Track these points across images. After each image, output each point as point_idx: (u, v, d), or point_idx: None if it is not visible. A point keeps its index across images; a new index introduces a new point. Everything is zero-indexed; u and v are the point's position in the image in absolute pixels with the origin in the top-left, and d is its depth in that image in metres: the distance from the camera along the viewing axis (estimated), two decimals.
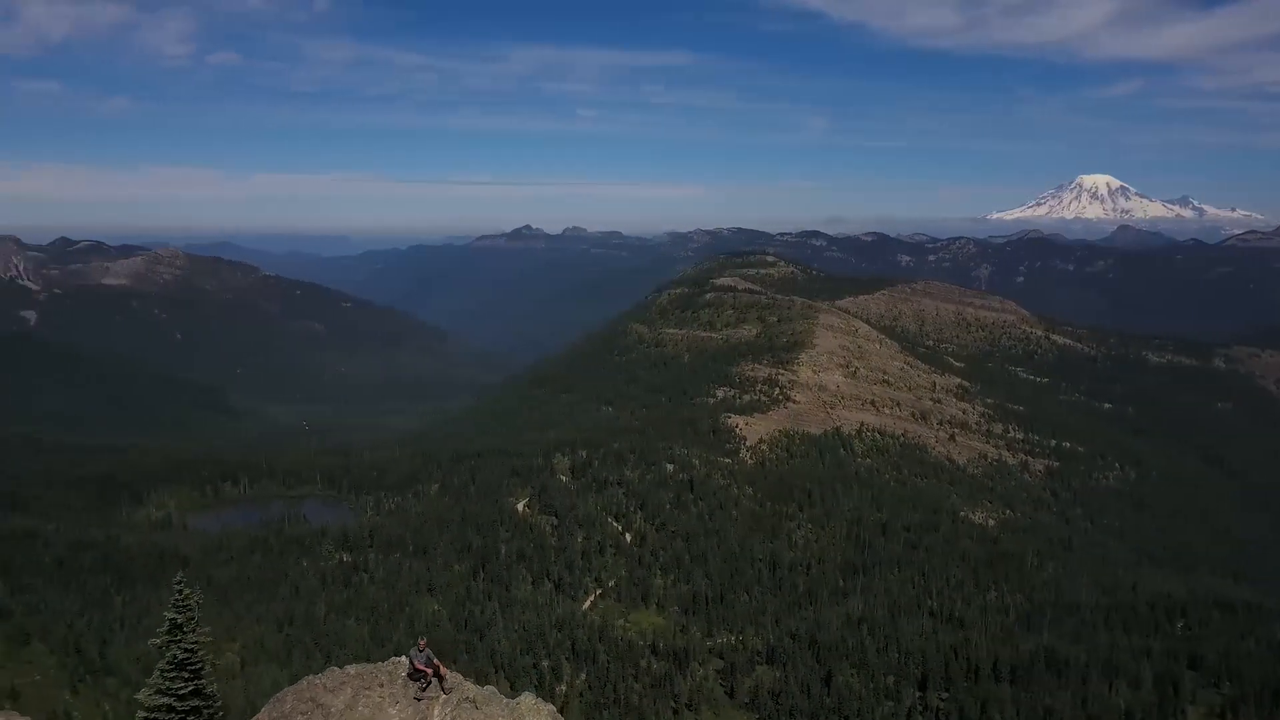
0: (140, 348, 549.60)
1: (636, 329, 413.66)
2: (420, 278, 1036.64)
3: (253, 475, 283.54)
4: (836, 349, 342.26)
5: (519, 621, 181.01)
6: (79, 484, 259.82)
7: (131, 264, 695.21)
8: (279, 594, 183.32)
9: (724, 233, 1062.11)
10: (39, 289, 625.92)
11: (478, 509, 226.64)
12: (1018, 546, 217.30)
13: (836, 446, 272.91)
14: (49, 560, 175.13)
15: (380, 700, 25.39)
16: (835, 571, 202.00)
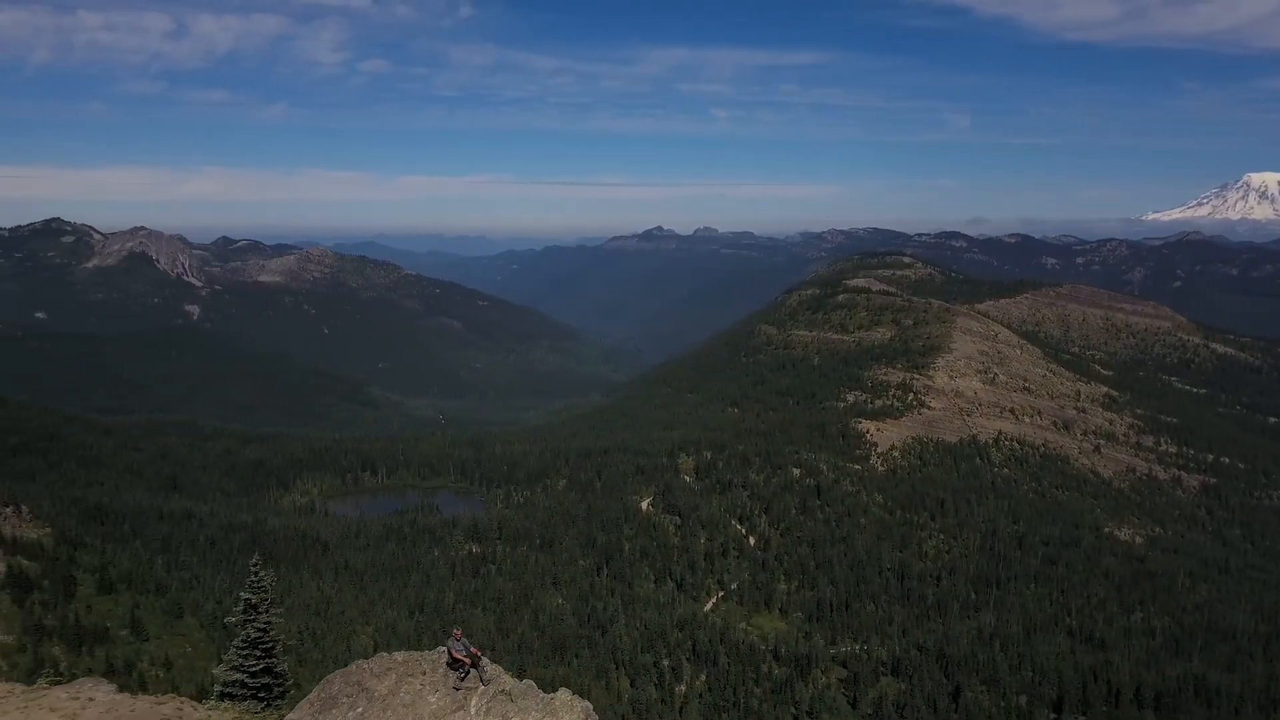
0: (291, 341, 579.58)
1: (765, 330, 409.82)
2: (554, 277, 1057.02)
3: (390, 466, 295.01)
4: (975, 354, 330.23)
5: (641, 619, 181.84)
6: (232, 470, 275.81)
7: (285, 262, 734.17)
8: (411, 581, 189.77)
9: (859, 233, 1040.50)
10: (202, 285, 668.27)
11: (603, 505, 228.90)
12: (1167, 566, 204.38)
13: (972, 455, 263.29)
14: (203, 540, 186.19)
15: (420, 688, 25.75)
16: (967, 584, 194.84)
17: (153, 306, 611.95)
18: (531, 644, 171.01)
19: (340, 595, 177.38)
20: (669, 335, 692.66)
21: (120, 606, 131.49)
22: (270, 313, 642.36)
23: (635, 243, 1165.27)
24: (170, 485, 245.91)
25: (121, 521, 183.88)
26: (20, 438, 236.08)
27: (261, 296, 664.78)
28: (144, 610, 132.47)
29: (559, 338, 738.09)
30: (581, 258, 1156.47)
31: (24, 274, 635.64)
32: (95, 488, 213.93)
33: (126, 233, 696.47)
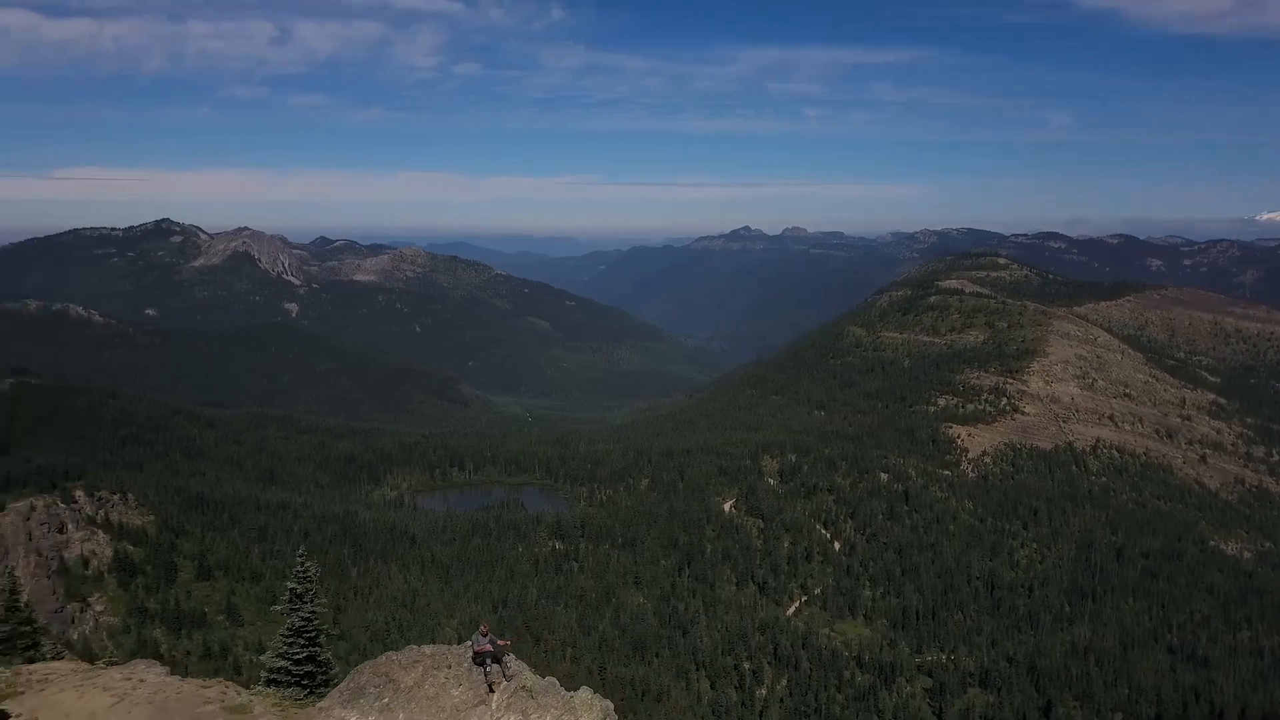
0: (384, 339, 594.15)
1: (854, 331, 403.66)
2: (640, 278, 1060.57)
3: (478, 462, 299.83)
4: (1072, 358, 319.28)
5: (722, 621, 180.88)
6: (326, 463, 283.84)
7: (379, 261, 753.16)
8: (495, 576, 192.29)
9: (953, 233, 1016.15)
10: (300, 284, 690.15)
11: (685, 506, 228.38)
12: (1277, 583, 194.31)
13: (1068, 463, 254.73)
14: (297, 530, 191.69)
15: (445, 681, 26.13)
16: (1060, 595, 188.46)
17: (254, 304, 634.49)
18: (612, 642, 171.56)
19: (426, 588, 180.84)
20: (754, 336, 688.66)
21: (217, 592, 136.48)
22: (365, 311, 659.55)
23: (722, 243, 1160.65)
24: (267, 477, 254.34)
25: (221, 511, 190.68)
26: (130, 429, 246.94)
27: (357, 295, 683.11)
28: (239, 597, 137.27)
29: (644, 338, 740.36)
30: (668, 258, 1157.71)
31: (136, 272, 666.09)
32: (198, 478, 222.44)
33: (230, 233, 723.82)
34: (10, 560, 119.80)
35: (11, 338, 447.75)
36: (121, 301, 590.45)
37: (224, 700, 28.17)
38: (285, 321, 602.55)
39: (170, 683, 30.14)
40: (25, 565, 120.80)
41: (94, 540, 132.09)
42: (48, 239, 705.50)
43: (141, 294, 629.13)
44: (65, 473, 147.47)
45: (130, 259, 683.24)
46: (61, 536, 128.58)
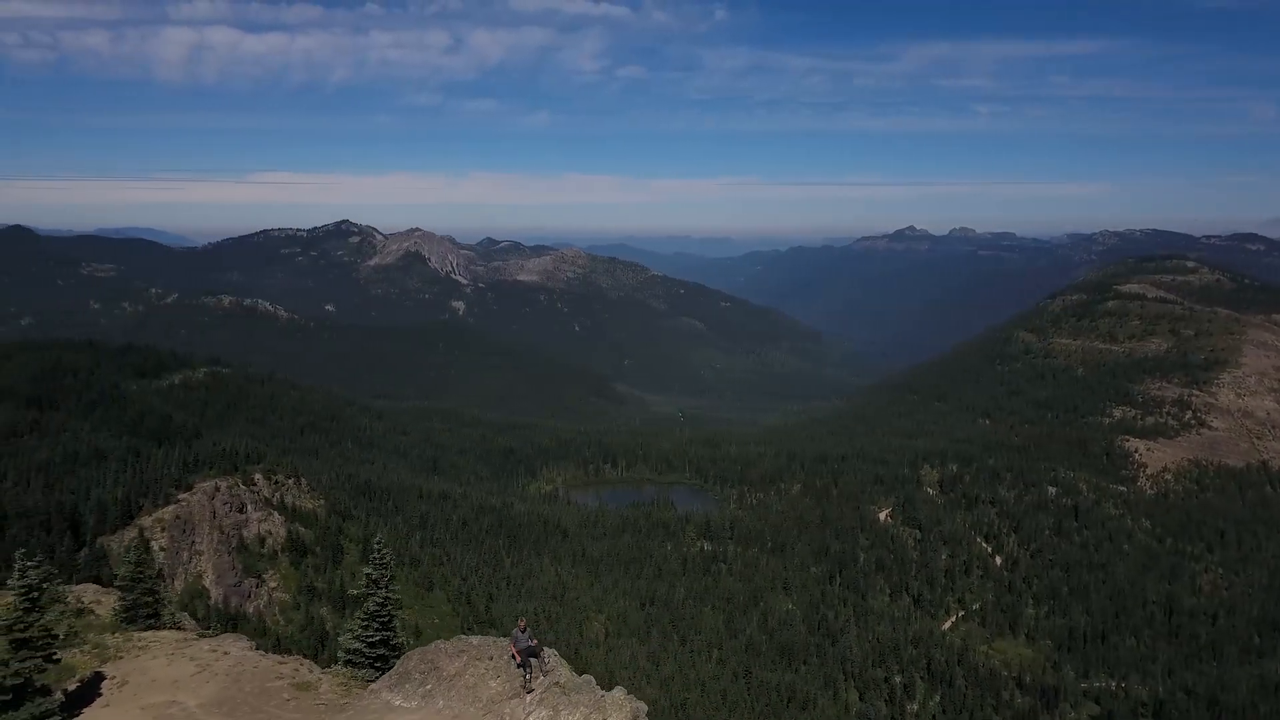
0: (545, 337, 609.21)
1: (1024, 337, 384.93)
2: (798, 279, 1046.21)
3: (630, 459, 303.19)
4: (1269, 369, 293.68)
5: (873, 632, 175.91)
6: (486, 456, 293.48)
7: (542, 262, 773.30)
8: (643, 573, 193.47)
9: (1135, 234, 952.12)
10: (467, 283, 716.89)
11: (838, 513, 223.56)
12: None
13: (1261, 483, 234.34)
14: (456, 519, 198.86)
15: (484, 673, 26.78)
16: (1249, 625, 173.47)
17: (424, 302, 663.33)
18: (759, 646, 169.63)
19: (576, 582, 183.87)
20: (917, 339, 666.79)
21: None
22: (527, 309, 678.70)
23: (885, 243, 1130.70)
24: (431, 467, 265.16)
25: (386, 498, 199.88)
26: (308, 418, 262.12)
27: (520, 294, 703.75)
28: (398, 581, 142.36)
29: (800, 339, 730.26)
30: (827, 258, 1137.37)
31: (318, 271, 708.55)
32: (366, 465, 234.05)
33: (404, 234, 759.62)
34: (195, 535, 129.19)
35: (209, 330, 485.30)
36: (304, 298, 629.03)
37: (294, 677, 29.33)
38: (452, 319, 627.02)
39: (250, 657, 31.51)
40: (209, 541, 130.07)
41: (270, 521, 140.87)
42: (242, 239, 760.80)
43: (322, 291, 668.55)
44: (246, 456, 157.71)
45: (313, 258, 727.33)
46: (241, 516, 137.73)
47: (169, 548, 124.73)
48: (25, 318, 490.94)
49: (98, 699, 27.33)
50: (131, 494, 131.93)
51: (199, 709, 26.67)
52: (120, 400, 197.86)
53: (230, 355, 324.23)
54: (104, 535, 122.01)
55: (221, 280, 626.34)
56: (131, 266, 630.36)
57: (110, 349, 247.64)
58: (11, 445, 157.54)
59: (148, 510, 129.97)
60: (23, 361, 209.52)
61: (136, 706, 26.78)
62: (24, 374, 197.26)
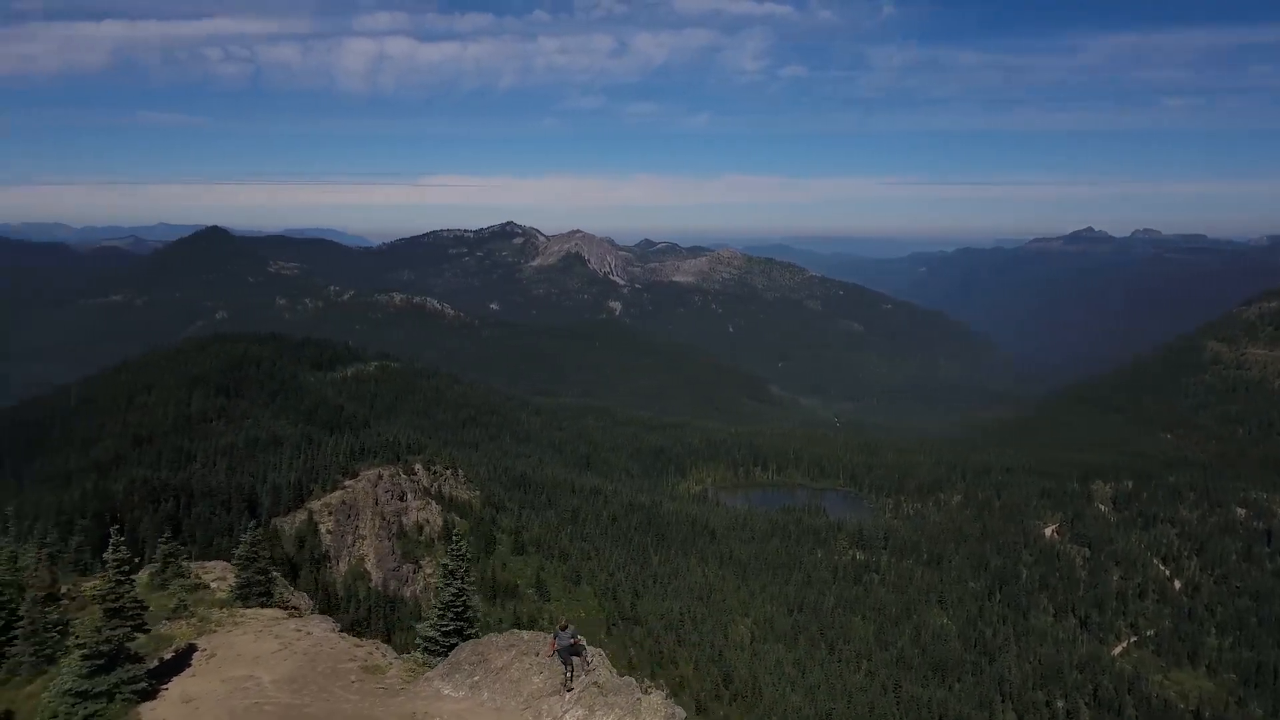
0: (699, 338, 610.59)
1: (1213, 347, 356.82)
2: (965, 282, 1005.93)
3: (781, 463, 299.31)
4: None
5: (1035, 653, 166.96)
6: (638, 454, 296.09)
7: (698, 263, 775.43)
8: (792, 579, 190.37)
9: None
10: (624, 283, 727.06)
11: (1000, 527, 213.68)
12: None
13: None
14: (606, 515, 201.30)
15: (529, 667, 27.01)
16: None
17: (582, 302, 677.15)
18: (910, 660, 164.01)
19: (723, 584, 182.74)
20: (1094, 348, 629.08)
21: (529, 567, 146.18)
22: (682, 310, 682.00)
23: (1060, 245, 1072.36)
24: (584, 463, 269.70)
25: (540, 492, 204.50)
26: (469, 412, 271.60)
27: (675, 295, 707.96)
28: (548, 574, 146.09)
29: (965, 345, 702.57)
30: (997, 261, 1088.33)
31: (484, 271, 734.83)
32: (522, 459, 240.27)
33: (565, 235, 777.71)
34: (359, 521, 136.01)
35: (382, 326, 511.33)
36: (470, 296, 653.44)
37: (367, 660, 30.33)
38: (609, 318, 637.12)
39: (330, 639, 32.50)
40: (371, 526, 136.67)
41: (428, 510, 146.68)
42: (414, 240, 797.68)
43: (487, 290, 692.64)
44: (408, 447, 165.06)
45: (479, 258, 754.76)
46: (402, 504, 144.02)
47: (335, 531, 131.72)
48: (220, 312, 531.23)
49: (186, 669, 29.14)
50: (303, 479, 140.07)
51: (271, 684, 27.94)
52: (298, 390, 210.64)
53: (400, 350, 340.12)
54: (278, 516, 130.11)
55: (394, 279, 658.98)
56: (314, 265, 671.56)
57: (291, 342, 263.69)
58: (203, 429, 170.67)
59: (317, 495, 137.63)
60: (215, 353, 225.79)
61: (218, 678, 28.37)
62: (216, 364, 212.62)
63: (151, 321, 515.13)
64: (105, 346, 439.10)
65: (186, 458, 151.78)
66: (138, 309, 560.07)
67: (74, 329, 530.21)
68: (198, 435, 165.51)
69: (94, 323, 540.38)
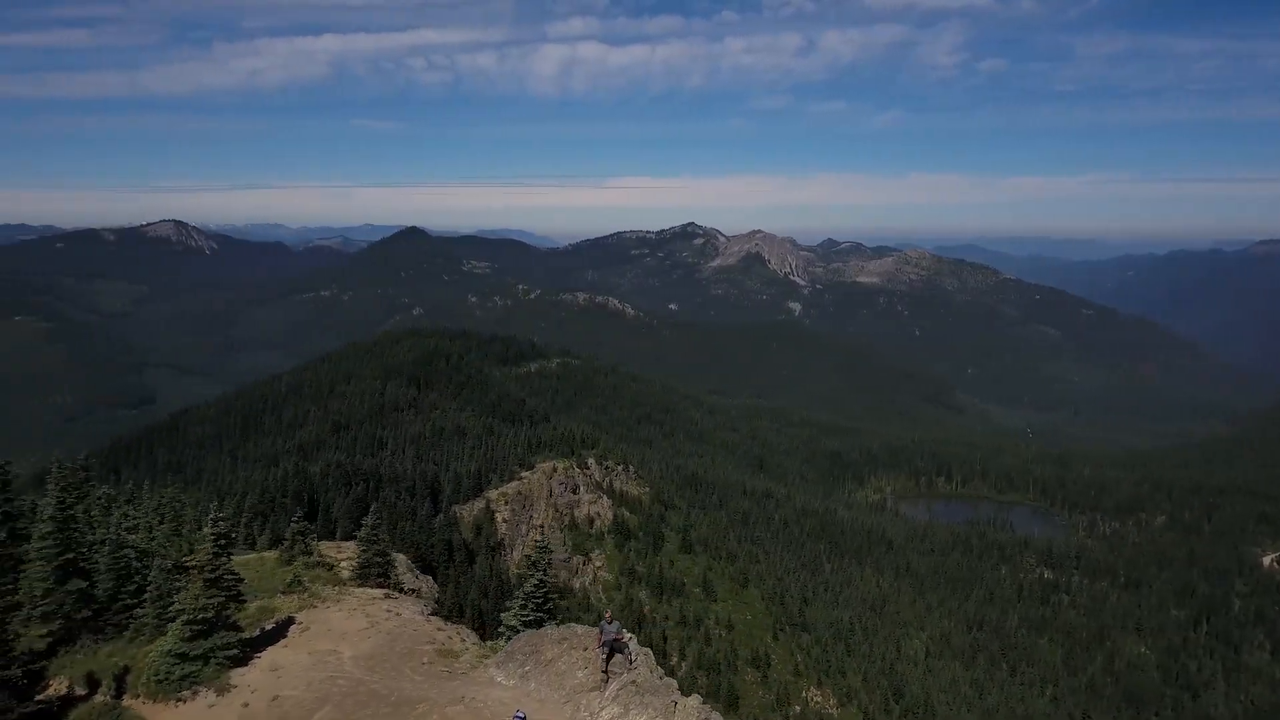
0: (881, 340, 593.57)
1: None
2: (1177, 286, 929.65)
3: (966, 474, 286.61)
4: None
5: (1247, 692, 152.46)
6: (813, 458, 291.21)
7: (883, 264, 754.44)
8: (972, 596, 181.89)
9: None
10: (805, 284, 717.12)
11: (1210, 551, 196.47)
12: None
13: None
14: (777, 519, 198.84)
15: (575, 662, 27.17)
16: None
17: (761, 302, 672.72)
18: (1102, 689, 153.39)
19: (898, 595, 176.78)
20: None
21: (696, 566, 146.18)
22: (865, 312, 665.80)
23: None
24: (757, 465, 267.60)
25: (711, 492, 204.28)
26: (645, 409, 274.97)
27: (858, 296, 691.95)
28: (715, 574, 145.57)
29: (1176, 354, 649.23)
30: (1215, 264, 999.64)
31: (664, 271, 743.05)
32: (694, 459, 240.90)
33: (745, 235, 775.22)
34: (533, 511, 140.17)
35: (566, 324, 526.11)
36: (650, 296, 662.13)
37: (445, 644, 30.95)
38: (788, 319, 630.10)
39: (416, 620, 33.23)
40: (544, 517, 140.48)
41: (599, 504, 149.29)
42: (598, 240, 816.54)
43: (667, 290, 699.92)
44: (582, 441, 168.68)
45: (660, 259, 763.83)
46: (574, 496, 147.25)
47: (510, 520, 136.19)
48: (416, 308, 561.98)
49: (281, 640, 30.74)
50: (483, 468, 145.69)
51: (350, 660, 29.06)
52: (484, 384, 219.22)
53: (581, 348, 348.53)
54: (457, 504, 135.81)
55: (579, 279, 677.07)
56: (504, 264, 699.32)
57: (479, 338, 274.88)
58: (394, 418, 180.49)
59: (495, 484, 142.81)
60: (409, 346, 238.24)
61: (305, 650, 29.77)
62: (409, 357, 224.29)
63: (355, 315, 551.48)
64: (315, 337, 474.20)
65: (379, 444, 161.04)
66: (344, 304, 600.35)
67: (288, 321, 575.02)
68: (389, 424, 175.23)
69: (306, 315, 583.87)
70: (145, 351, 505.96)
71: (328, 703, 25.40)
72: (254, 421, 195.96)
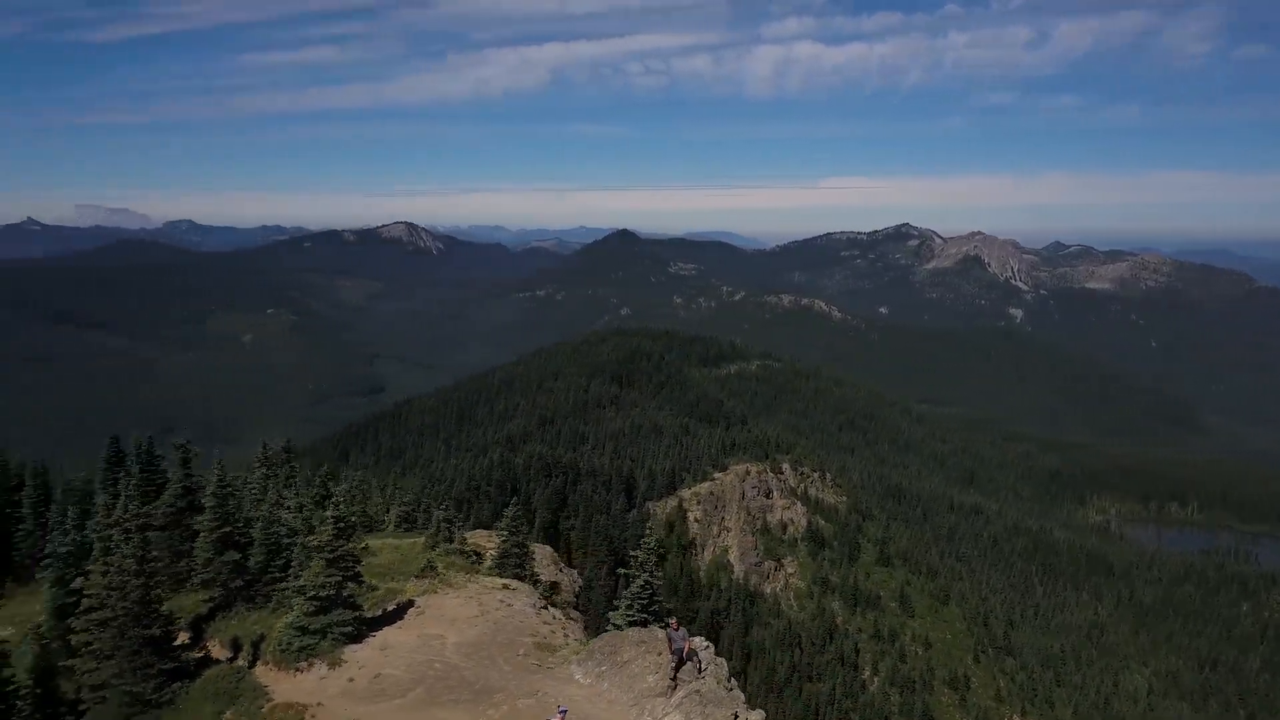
0: (1112, 352, 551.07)
1: None
2: None
3: (1205, 499, 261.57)
4: None
5: None
6: (1029, 474, 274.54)
7: (1117, 268, 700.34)
8: (1205, 632, 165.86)
9: None
10: (1027, 289, 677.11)
11: None
12: None
13: None
14: (986, 537, 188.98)
15: (648, 666, 26.81)
16: None
17: (978, 307, 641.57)
18: None
19: (1117, 626, 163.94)
20: None
21: (894, 580, 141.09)
22: (1094, 320, 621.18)
23: None
24: (967, 479, 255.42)
25: (915, 504, 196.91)
26: (848, 415, 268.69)
27: (1087, 303, 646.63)
28: (913, 589, 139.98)
29: None
30: None
31: (874, 274, 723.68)
32: (899, 469, 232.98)
33: (963, 237, 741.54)
34: (725, 513, 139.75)
35: (769, 326, 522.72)
36: (858, 299, 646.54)
37: (547, 637, 30.86)
38: (1008, 326, 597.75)
39: (525, 612, 33.49)
40: (736, 520, 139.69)
41: (793, 510, 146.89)
42: (806, 242, 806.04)
43: (877, 293, 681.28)
44: (777, 445, 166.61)
45: (870, 260, 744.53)
46: (767, 501, 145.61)
47: (702, 520, 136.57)
48: (624, 308, 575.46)
49: (397, 621, 31.77)
50: (677, 467, 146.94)
51: (452, 646, 29.62)
52: (683, 384, 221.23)
53: (784, 350, 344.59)
54: (651, 500, 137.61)
55: (785, 280, 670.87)
56: (710, 266, 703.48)
57: (681, 339, 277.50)
58: (596, 414, 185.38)
59: (688, 484, 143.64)
60: (614, 345, 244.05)
61: (415, 633, 30.62)
62: (613, 356, 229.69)
63: (568, 314, 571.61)
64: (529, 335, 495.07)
65: (580, 439, 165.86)
66: (557, 303, 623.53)
67: (506, 319, 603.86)
68: (591, 420, 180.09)
69: (522, 314, 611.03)
70: (378, 344, 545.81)
71: (420, 684, 26.54)
72: (468, 412, 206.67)
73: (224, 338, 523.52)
